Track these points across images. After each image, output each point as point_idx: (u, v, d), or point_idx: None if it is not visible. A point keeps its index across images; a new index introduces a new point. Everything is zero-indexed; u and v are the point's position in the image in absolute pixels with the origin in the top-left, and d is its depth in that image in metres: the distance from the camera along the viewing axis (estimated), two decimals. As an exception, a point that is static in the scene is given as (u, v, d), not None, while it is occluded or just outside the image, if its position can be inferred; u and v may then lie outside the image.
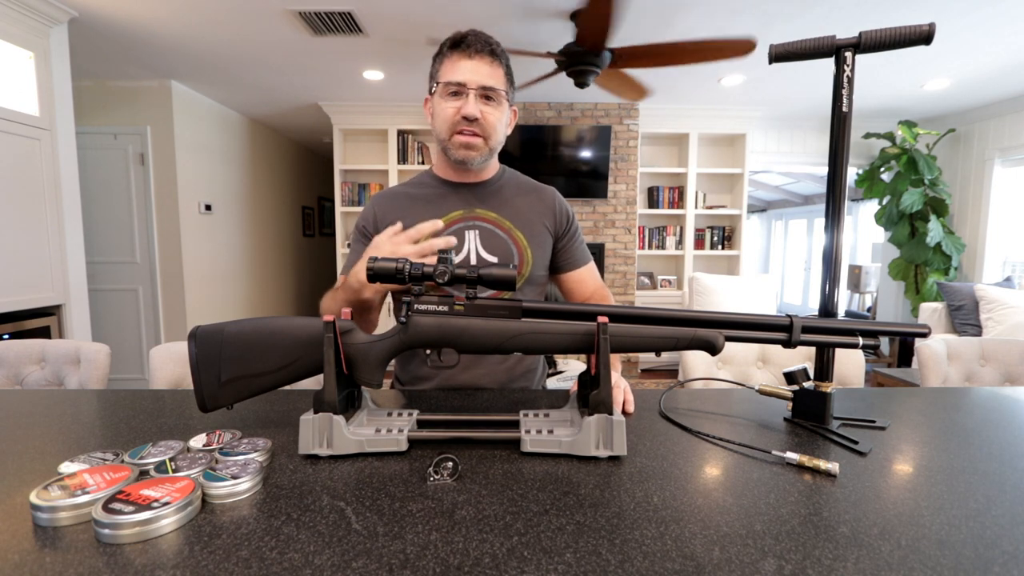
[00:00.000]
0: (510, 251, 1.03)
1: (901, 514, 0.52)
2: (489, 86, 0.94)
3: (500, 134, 1.00)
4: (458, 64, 0.94)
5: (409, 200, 1.06)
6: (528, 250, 1.04)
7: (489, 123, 0.96)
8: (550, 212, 1.08)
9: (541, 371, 1.16)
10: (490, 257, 1.02)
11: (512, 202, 1.07)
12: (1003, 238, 4.05)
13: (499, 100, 0.97)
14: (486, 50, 0.94)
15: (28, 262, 2.31)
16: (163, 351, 1.23)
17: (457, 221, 1.03)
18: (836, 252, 0.77)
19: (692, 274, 4.02)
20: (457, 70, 0.94)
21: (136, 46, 2.90)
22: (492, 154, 1.02)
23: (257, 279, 4.84)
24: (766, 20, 2.55)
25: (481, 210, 1.04)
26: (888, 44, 0.72)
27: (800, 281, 8.41)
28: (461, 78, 0.93)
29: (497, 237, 1.03)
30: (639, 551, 0.45)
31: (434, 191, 1.07)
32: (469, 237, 1.02)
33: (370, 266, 0.65)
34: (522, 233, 1.04)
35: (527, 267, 1.04)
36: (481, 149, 0.98)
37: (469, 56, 0.94)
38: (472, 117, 0.94)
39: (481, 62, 0.94)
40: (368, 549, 0.45)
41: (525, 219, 1.06)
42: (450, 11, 2.50)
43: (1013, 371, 1.42)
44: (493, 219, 1.04)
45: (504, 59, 0.98)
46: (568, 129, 4.05)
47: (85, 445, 0.70)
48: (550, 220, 1.08)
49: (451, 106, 0.95)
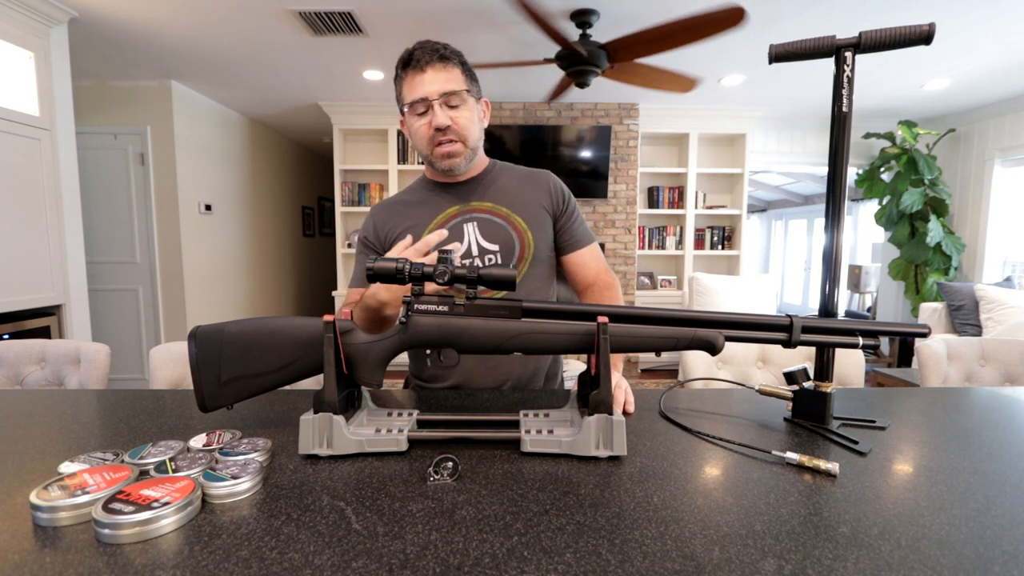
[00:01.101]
0: (510, 237, 1.03)
1: (901, 514, 0.52)
2: (448, 91, 0.95)
3: (475, 132, 1.01)
4: (414, 82, 0.96)
5: (405, 206, 1.08)
6: (528, 232, 1.05)
7: (461, 126, 0.98)
8: (546, 193, 1.09)
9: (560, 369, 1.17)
10: (491, 246, 1.02)
11: (506, 189, 1.07)
12: (1003, 238, 4.05)
13: (463, 100, 0.98)
14: (435, 58, 0.95)
15: (28, 262, 2.31)
16: (163, 351, 1.23)
17: (454, 216, 1.04)
18: (836, 252, 0.77)
19: (692, 274, 4.02)
20: (415, 88, 0.96)
21: (136, 46, 2.90)
22: (475, 153, 1.03)
23: (257, 279, 4.84)
24: (766, 20, 2.56)
25: (476, 202, 1.05)
26: (888, 44, 0.72)
27: (800, 281, 8.41)
28: (421, 94, 0.95)
29: (495, 225, 1.04)
30: (639, 551, 0.45)
31: (428, 194, 1.08)
32: (468, 229, 1.03)
33: (370, 267, 0.65)
34: (520, 217, 1.05)
35: (529, 250, 1.04)
36: (463, 153, 1.00)
37: (422, 70, 0.95)
38: (443, 126, 0.96)
39: (435, 71, 0.95)
40: (368, 549, 0.45)
41: (521, 203, 1.06)
42: (450, 9, 2.50)
43: (1013, 371, 1.42)
44: (489, 208, 1.05)
45: (456, 58, 0.98)
46: (568, 129, 4.05)
47: (85, 445, 0.70)
48: (547, 201, 1.08)
49: (422, 123, 0.98)
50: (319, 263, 6.40)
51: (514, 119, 4.11)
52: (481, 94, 1.04)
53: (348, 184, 4.34)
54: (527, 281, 1.06)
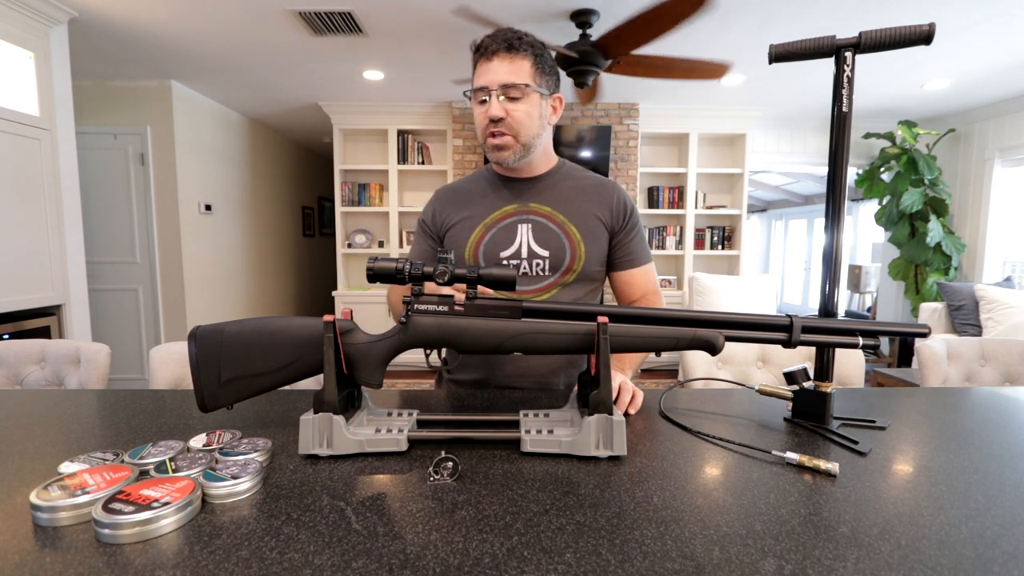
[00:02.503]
0: (562, 245, 1.02)
1: (901, 514, 0.51)
2: (508, 83, 0.93)
3: (531, 129, 0.97)
4: (480, 70, 0.96)
5: (466, 195, 1.08)
6: (581, 244, 1.02)
7: (516, 119, 0.95)
8: (606, 206, 1.05)
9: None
10: (542, 251, 1.02)
11: (567, 196, 1.05)
12: (1003, 238, 4.04)
13: (524, 95, 0.95)
14: (503, 47, 0.93)
15: (28, 262, 2.31)
16: (163, 351, 1.23)
17: (511, 215, 1.03)
18: (836, 252, 0.77)
19: (692, 274, 4.02)
20: (480, 75, 0.96)
21: (136, 46, 2.90)
22: (528, 150, 0.99)
23: (257, 279, 4.84)
24: (766, 19, 2.56)
25: (535, 204, 1.04)
26: (888, 44, 0.72)
27: (800, 281, 8.41)
28: (483, 82, 0.95)
29: (550, 231, 1.02)
30: (639, 551, 0.45)
31: (490, 185, 1.07)
32: (522, 231, 1.02)
33: (370, 266, 0.66)
34: (576, 227, 1.03)
35: (579, 262, 1.02)
36: (512, 147, 0.97)
37: (488, 59, 0.94)
38: (496, 118, 0.94)
39: (500, 61, 0.94)
40: (368, 549, 0.45)
41: (579, 213, 1.04)
42: (450, 10, 2.49)
43: (1013, 371, 1.42)
44: (547, 213, 1.03)
45: (528, 49, 0.95)
46: (568, 129, 4.05)
47: (85, 445, 0.70)
48: (606, 214, 1.05)
49: (480, 112, 0.97)
50: (319, 263, 6.40)
51: (514, 119, 4.11)
52: (555, 89, 1.01)
53: (348, 184, 4.34)
54: (568, 292, 1.03)
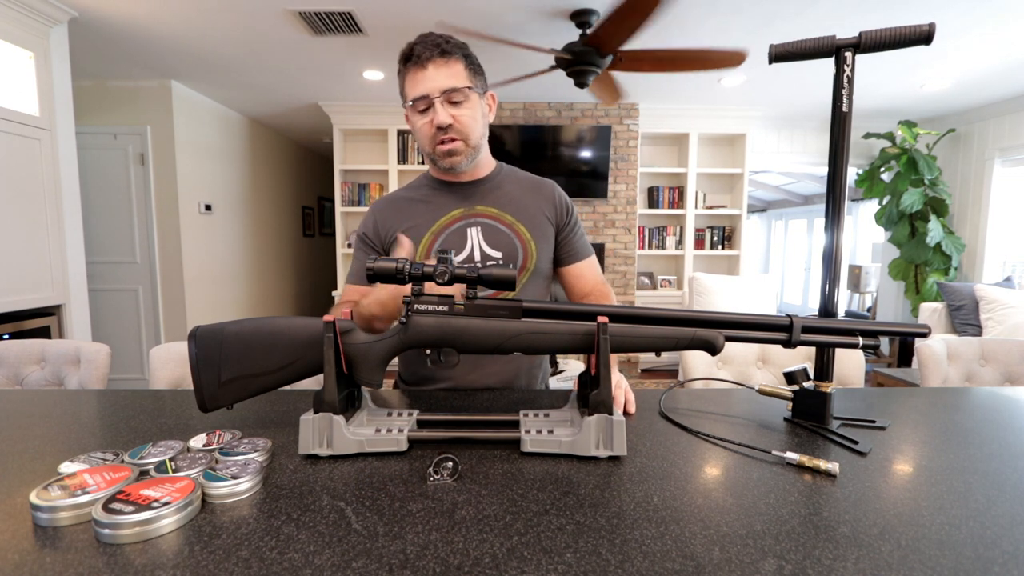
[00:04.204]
0: (514, 245, 1.03)
1: (901, 514, 0.52)
2: (449, 88, 0.93)
3: (478, 130, 0.99)
4: (415, 78, 0.93)
5: (408, 203, 1.07)
6: (532, 243, 1.04)
7: (463, 123, 0.96)
8: (550, 204, 1.08)
9: (545, 369, 1.16)
10: (494, 252, 1.02)
11: (512, 196, 1.06)
12: (1003, 238, 4.04)
13: (466, 97, 0.95)
14: (436, 53, 0.92)
15: (28, 262, 2.31)
16: (163, 351, 1.23)
17: (458, 219, 1.03)
18: (836, 252, 0.77)
19: (692, 274, 4.02)
20: (416, 84, 0.94)
21: (136, 46, 2.90)
22: (477, 152, 1.01)
23: (257, 279, 4.84)
24: (766, 19, 2.56)
25: (481, 206, 1.04)
26: (888, 44, 0.72)
27: (800, 281, 8.40)
28: (422, 91, 0.93)
29: (500, 232, 1.03)
30: (639, 551, 0.45)
31: (432, 192, 1.07)
32: (471, 234, 1.02)
33: (369, 266, 0.65)
34: (524, 227, 1.04)
35: (532, 260, 1.04)
36: (464, 151, 0.98)
37: (423, 66, 0.92)
38: (444, 125, 0.94)
39: (436, 67, 0.92)
40: (368, 549, 0.45)
41: (526, 212, 1.05)
42: (450, 10, 2.50)
43: (1013, 371, 1.42)
44: (494, 214, 1.04)
45: (460, 52, 0.94)
46: (568, 129, 4.05)
47: (85, 445, 0.70)
48: (551, 211, 1.08)
49: (424, 121, 0.96)
50: (319, 263, 6.40)
51: (514, 119, 4.11)
52: (487, 88, 1.01)
53: (348, 184, 4.33)
54: (526, 290, 1.05)
